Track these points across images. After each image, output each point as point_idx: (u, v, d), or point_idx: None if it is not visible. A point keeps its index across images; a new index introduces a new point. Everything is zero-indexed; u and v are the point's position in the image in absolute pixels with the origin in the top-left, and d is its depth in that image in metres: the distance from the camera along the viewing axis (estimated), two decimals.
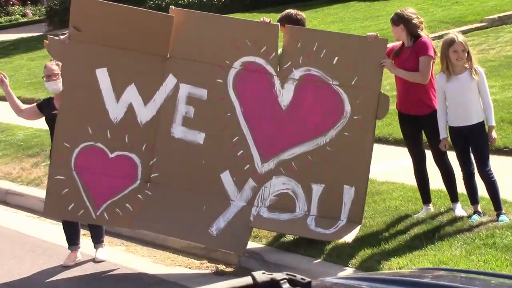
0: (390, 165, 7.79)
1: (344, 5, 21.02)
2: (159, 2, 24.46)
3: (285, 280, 2.33)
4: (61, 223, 7.11)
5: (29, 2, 38.90)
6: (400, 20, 6.33)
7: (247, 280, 2.32)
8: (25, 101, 15.16)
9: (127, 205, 6.53)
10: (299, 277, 2.39)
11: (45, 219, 8.36)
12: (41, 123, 12.31)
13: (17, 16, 36.99)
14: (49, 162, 10.32)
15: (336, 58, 6.29)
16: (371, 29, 14.73)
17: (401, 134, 6.82)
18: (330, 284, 2.65)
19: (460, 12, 16.59)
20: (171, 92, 6.55)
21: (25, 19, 36.00)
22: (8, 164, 10.45)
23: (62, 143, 6.56)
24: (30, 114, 7.09)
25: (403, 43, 6.40)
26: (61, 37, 6.59)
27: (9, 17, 36.83)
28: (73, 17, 6.58)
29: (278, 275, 2.33)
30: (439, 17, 16.33)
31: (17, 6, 38.31)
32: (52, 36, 6.69)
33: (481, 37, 14.13)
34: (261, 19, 6.44)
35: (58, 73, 6.78)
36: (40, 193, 9.10)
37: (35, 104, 7.19)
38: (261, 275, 2.30)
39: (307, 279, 2.39)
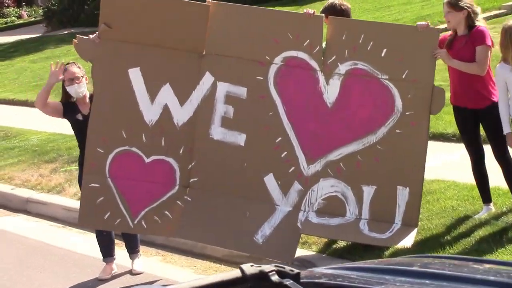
0: (437, 161, 7.40)
1: None
2: None
3: (274, 272, 2.37)
4: (88, 232, 6.77)
5: (24, 3, 38.42)
6: (462, 5, 5.93)
7: (236, 273, 2.35)
8: (33, 105, 14.89)
9: (166, 212, 6.17)
10: (288, 268, 2.42)
11: (71, 229, 8.00)
12: (54, 127, 12.08)
13: (13, 18, 36.48)
14: (68, 168, 10.16)
15: (385, 50, 5.91)
16: (385, 20, 14.38)
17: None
18: (320, 274, 2.63)
19: (475, 0, 16.18)
20: (208, 91, 6.18)
21: (21, 21, 35.51)
22: (26, 171, 10.06)
23: (95, 149, 6.18)
24: (53, 110, 6.65)
25: (455, 33, 6.03)
26: (91, 36, 6.20)
27: (5, 19, 36.32)
28: (103, 13, 6.19)
29: (266, 267, 2.38)
30: None
31: (12, 8, 37.82)
32: (81, 36, 6.30)
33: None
34: (304, 11, 6.05)
35: (80, 76, 6.41)
36: (63, 200, 8.77)
37: (59, 101, 6.78)
38: (249, 268, 2.37)
39: (296, 270, 2.38)
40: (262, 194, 6.12)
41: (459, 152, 7.50)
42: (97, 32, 6.19)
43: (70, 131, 11.36)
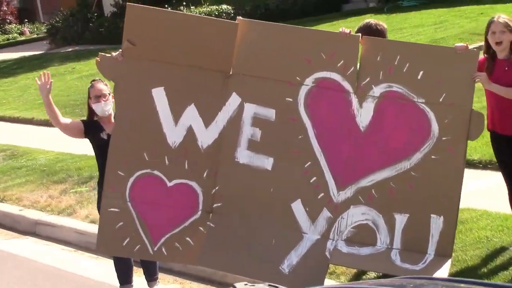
0: (465, 189, 7.13)
1: (359, 17, 20.50)
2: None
3: None
4: (101, 257, 6.49)
5: (26, 20, 38.27)
6: None
7: None
8: (40, 123, 14.63)
9: (188, 238, 5.89)
10: (281, 287, 2.43)
11: (83, 253, 7.74)
12: (61, 146, 11.83)
13: (15, 34, 36.33)
14: (79, 189, 9.90)
15: (421, 73, 5.65)
16: None
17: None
18: None
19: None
20: (234, 112, 5.91)
21: (23, 38, 35.36)
22: (34, 192, 9.79)
23: (115, 172, 5.91)
24: (74, 129, 6.39)
25: (492, 56, 5.79)
26: (113, 53, 5.95)
27: (6, 35, 36.18)
28: (127, 29, 5.94)
29: (260, 286, 2.44)
30: (469, 29, 15.73)
31: (14, 25, 37.67)
32: (103, 54, 6.04)
33: None
34: (340, 30, 5.81)
35: (107, 94, 6.20)
36: (74, 223, 8.51)
37: (79, 120, 6.53)
38: (243, 286, 2.40)
39: None
40: (289, 221, 5.85)
41: (486, 179, 7.26)
42: (120, 50, 5.94)
43: (79, 151, 11.26)
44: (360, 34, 5.83)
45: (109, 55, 5.97)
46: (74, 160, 10.92)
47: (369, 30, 5.95)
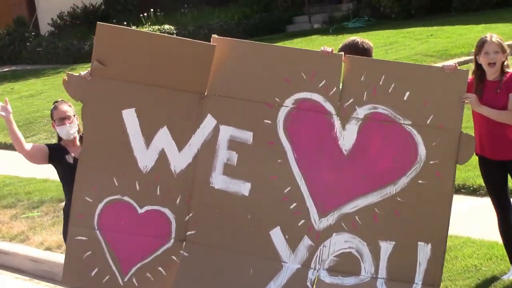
0: None
1: (305, 38, 20.52)
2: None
3: None
4: (58, 286, 6.08)
5: None
6: (505, 48, 5.48)
7: None
8: (10, 146, 14.05)
9: (160, 268, 5.55)
10: None
11: (39, 282, 7.31)
12: (7, 169, 11.32)
13: None
14: (30, 214, 9.42)
15: (408, 93, 5.40)
16: None
17: None
18: None
19: (442, 45, 15.96)
20: (209, 135, 5.59)
21: None
22: None
23: (83, 198, 5.53)
24: (36, 154, 5.98)
25: (480, 77, 5.59)
26: (82, 73, 5.59)
27: None
28: (97, 49, 5.58)
29: None
30: (420, 50, 15.72)
31: None
32: (71, 73, 5.66)
33: None
34: (322, 48, 5.52)
35: (72, 115, 5.83)
36: (28, 250, 8.05)
37: (44, 144, 6.13)
38: None
39: None
40: (268, 249, 5.53)
41: (466, 204, 7.06)
42: (89, 69, 5.58)
43: (26, 174, 10.78)
44: (343, 53, 5.57)
45: (77, 74, 5.61)
46: (23, 184, 10.46)
47: (355, 49, 5.69)
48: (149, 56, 5.58)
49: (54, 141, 6.55)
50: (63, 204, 8.84)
